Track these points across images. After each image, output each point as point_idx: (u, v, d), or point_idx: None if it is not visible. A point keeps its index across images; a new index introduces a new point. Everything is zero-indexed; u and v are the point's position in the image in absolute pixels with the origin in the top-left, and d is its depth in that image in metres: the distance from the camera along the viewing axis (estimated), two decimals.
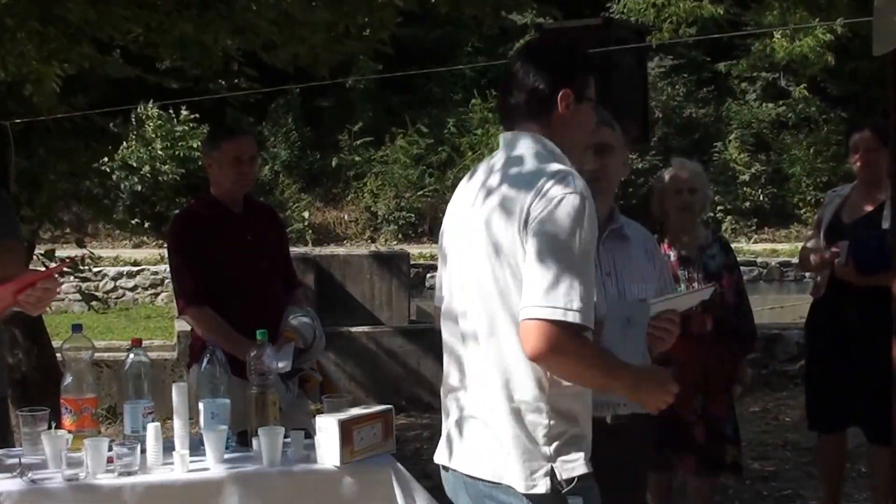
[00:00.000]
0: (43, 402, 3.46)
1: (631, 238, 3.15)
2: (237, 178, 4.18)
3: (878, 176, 4.68)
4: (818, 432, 4.99)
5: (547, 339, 2.30)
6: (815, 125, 19.77)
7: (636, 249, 3.15)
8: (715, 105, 20.10)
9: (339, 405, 3.24)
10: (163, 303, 14.64)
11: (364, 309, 9.32)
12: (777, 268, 15.96)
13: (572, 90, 2.54)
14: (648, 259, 3.18)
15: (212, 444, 3.06)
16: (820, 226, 4.90)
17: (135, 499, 2.89)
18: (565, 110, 2.53)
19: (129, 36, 4.90)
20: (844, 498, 5.15)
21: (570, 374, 2.40)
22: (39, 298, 3.15)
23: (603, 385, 2.50)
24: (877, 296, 4.44)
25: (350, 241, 18.18)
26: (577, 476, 2.43)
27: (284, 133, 18.59)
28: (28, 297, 3.12)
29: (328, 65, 5.28)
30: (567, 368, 2.39)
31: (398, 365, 8.25)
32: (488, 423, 2.49)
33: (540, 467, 2.42)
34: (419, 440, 7.20)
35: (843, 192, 4.95)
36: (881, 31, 3.88)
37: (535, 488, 2.41)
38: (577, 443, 2.46)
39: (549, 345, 2.30)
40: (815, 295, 4.87)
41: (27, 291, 3.11)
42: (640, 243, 3.18)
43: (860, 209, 4.76)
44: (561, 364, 2.37)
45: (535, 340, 2.32)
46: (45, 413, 3.19)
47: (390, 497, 3.04)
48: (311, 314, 4.23)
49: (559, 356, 2.34)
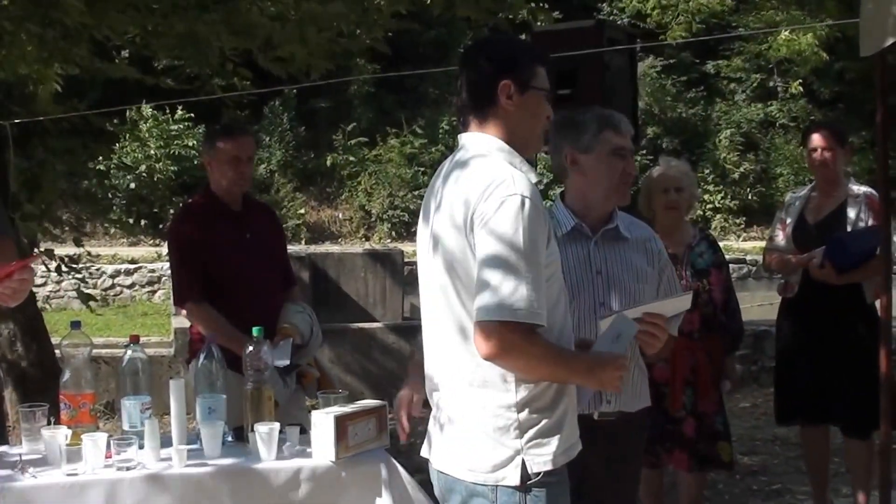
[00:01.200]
0: (42, 397, 3.47)
1: (630, 239, 3.18)
2: (236, 177, 4.22)
3: (835, 175, 4.86)
4: (799, 426, 5.08)
5: (497, 340, 2.36)
6: (801, 125, 19.94)
7: (633, 250, 3.18)
8: (704, 105, 20.25)
9: (335, 400, 3.26)
10: (160, 300, 14.67)
11: (358, 306, 9.36)
12: None
13: (513, 80, 2.50)
14: (648, 260, 3.21)
15: (208, 439, 3.10)
16: (784, 227, 5.00)
17: (133, 493, 2.92)
18: (507, 102, 2.50)
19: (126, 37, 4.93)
20: (832, 493, 5.21)
21: (524, 372, 2.45)
22: (15, 290, 3.11)
23: (560, 378, 2.51)
24: (847, 294, 4.60)
25: (344, 239, 18.23)
26: (545, 471, 2.46)
27: (280, 133, 18.64)
28: (5, 288, 3.08)
29: (325, 66, 5.32)
30: (520, 366, 2.43)
31: (392, 361, 8.29)
32: (456, 418, 2.55)
33: (510, 460, 2.46)
34: (413, 435, 7.24)
35: (800, 193, 5.09)
36: (868, 33, 3.94)
37: (504, 480, 2.45)
38: (549, 434, 2.49)
39: (499, 345, 2.37)
40: (786, 294, 4.96)
41: (4, 283, 3.07)
42: (640, 244, 3.21)
43: (823, 209, 4.89)
44: (513, 363, 2.42)
45: (485, 342, 2.38)
46: (45, 409, 3.21)
47: (384, 491, 3.07)
48: (308, 311, 4.28)
49: (510, 355, 2.40)
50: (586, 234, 3.10)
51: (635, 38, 6.65)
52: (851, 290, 4.68)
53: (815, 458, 5.05)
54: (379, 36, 5.30)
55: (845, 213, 4.78)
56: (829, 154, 4.83)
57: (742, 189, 19.06)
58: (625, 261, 3.14)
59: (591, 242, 3.10)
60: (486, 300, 2.36)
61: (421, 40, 18.13)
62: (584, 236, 3.10)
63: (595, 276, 3.07)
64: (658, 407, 4.43)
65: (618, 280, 3.09)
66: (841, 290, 4.67)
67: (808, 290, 4.80)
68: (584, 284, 3.06)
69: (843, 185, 4.88)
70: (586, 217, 3.11)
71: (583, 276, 3.08)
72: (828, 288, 4.69)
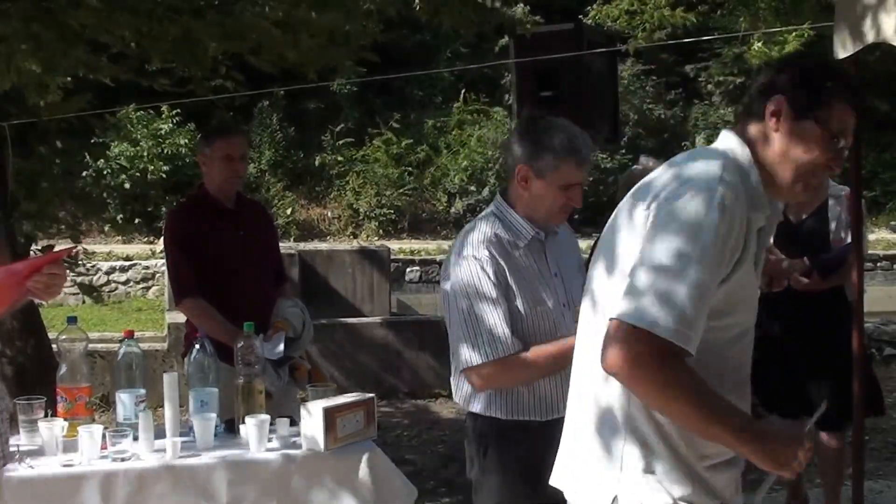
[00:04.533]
0: (39, 391, 3.51)
1: (559, 233, 3.17)
2: (229, 175, 4.28)
3: None
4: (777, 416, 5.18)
5: (628, 346, 1.95)
6: None
7: (566, 245, 3.21)
8: (682, 107, 20.47)
9: (324, 393, 3.34)
10: (154, 296, 14.72)
11: (346, 302, 9.46)
12: None
13: (787, 100, 2.11)
14: (574, 250, 3.25)
15: (201, 431, 3.17)
16: None
17: (128, 484, 2.98)
18: (771, 119, 2.13)
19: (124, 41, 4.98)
20: (806, 483, 5.30)
21: (652, 400, 2.02)
22: (47, 284, 3.02)
23: (700, 429, 2.04)
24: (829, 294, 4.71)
25: (333, 236, 18.29)
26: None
27: (270, 133, 18.69)
28: (35, 282, 3.01)
29: (314, 69, 5.39)
30: (649, 392, 2.00)
31: (379, 355, 8.38)
32: (578, 436, 2.24)
33: (605, 492, 2.14)
34: (400, 427, 7.35)
35: None
36: (842, 36, 4.04)
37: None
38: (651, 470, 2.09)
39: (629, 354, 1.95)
40: (772, 289, 5.04)
41: (34, 277, 3.00)
42: (567, 237, 3.23)
43: (805, 208, 4.94)
44: (640, 384, 1.99)
45: (613, 344, 1.97)
46: (42, 402, 3.27)
47: (372, 481, 3.14)
48: (300, 305, 4.35)
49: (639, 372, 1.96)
50: (540, 240, 3.08)
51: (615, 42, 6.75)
52: (834, 288, 4.79)
53: None
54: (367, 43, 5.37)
55: (826, 212, 4.86)
56: None
57: None
58: (568, 257, 3.18)
59: (544, 247, 3.10)
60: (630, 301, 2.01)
61: (407, 43, 18.24)
62: (539, 242, 3.08)
63: (553, 279, 3.07)
64: None
65: (569, 277, 3.11)
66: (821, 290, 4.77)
67: (789, 288, 4.87)
68: (549, 290, 3.03)
69: (825, 185, 4.96)
70: (537, 223, 3.07)
71: (548, 282, 3.05)
72: None
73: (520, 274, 2.97)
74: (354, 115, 19.41)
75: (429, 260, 15.78)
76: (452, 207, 18.52)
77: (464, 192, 18.49)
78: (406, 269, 15.61)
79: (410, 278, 15.67)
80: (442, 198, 18.72)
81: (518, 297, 2.94)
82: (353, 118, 19.36)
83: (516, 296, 2.94)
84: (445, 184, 18.66)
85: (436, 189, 18.81)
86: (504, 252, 2.97)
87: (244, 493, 3.07)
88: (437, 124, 19.36)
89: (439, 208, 18.73)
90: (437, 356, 7.88)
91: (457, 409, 7.76)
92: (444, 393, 8.25)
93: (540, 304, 2.97)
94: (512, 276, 2.94)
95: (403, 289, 14.98)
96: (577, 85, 5.67)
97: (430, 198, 18.90)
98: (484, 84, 19.40)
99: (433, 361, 8.23)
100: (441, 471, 6.23)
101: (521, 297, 2.94)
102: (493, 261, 2.93)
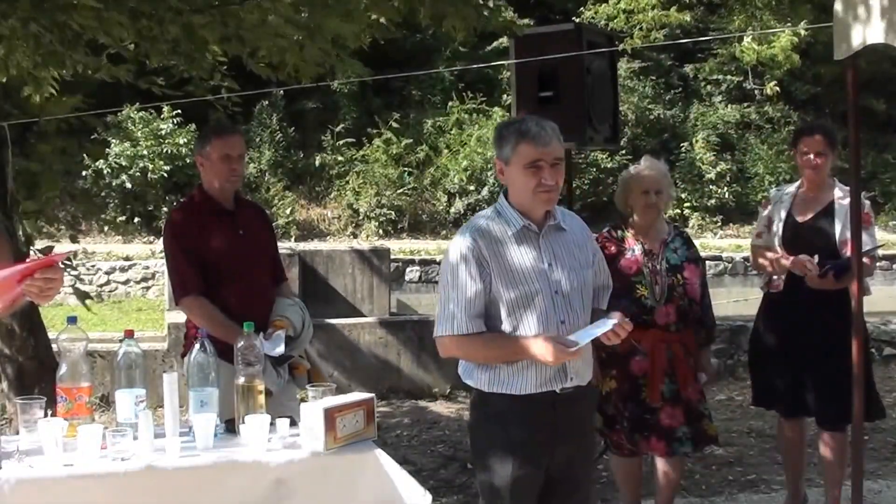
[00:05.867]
0: (39, 391, 3.52)
1: (567, 230, 3.42)
2: (228, 175, 4.29)
3: (824, 178, 4.94)
4: (779, 417, 5.19)
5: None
6: (776, 126, 20.17)
7: (572, 239, 3.42)
8: (682, 107, 20.47)
9: (323, 393, 3.34)
10: (154, 296, 14.73)
11: (346, 302, 9.45)
12: (742, 262, 16.20)
13: None
14: (584, 247, 3.45)
15: (201, 431, 3.17)
16: (770, 224, 5.07)
17: (128, 483, 2.97)
18: None
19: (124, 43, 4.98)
20: (806, 483, 5.29)
21: None
22: (42, 288, 3.01)
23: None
24: (829, 294, 4.71)
25: (333, 236, 18.30)
26: None
27: (269, 133, 18.70)
28: (30, 286, 2.99)
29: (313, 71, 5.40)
30: None
31: (379, 355, 8.38)
32: None
33: None
34: (399, 427, 7.36)
35: (788, 190, 5.12)
36: (841, 37, 4.06)
37: None
38: None
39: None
40: (772, 289, 5.05)
41: (27, 280, 2.98)
42: (576, 233, 3.45)
43: (811, 208, 4.96)
44: None
45: None
46: (42, 401, 3.26)
47: (372, 481, 3.14)
48: (299, 304, 4.37)
49: None
50: (534, 231, 3.33)
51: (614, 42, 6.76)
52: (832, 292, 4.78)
53: (789, 449, 5.14)
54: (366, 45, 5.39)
55: (833, 212, 4.86)
56: (821, 160, 4.87)
57: (719, 188, 19.30)
58: (568, 251, 3.38)
59: (538, 238, 3.33)
60: None
61: (407, 43, 18.25)
62: (533, 233, 3.33)
63: (547, 269, 3.30)
64: (636, 398, 4.56)
65: (566, 269, 3.33)
66: (821, 291, 4.75)
67: (792, 286, 4.88)
68: (536, 278, 3.28)
69: (831, 185, 4.97)
70: (530, 215, 3.33)
71: (536, 271, 3.29)
72: (808, 287, 4.78)
73: (504, 260, 3.28)
74: (354, 115, 19.41)
75: (428, 260, 15.79)
76: (452, 207, 18.53)
77: (463, 192, 18.49)
78: (406, 269, 15.62)
79: (410, 278, 15.68)
80: (442, 198, 18.72)
81: (499, 281, 3.26)
82: (353, 118, 19.36)
83: (496, 281, 3.26)
84: (445, 184, 18.66)
85: (435, 189, 18.82)
86: (489, 240, 3.29)
87: (244, 494, 3.07)
88: (437, 124, 19.36)
89: (439, 208, 18.74)
90: (437, 356, 7.85)
91: (457, 409, 7.77)
92: (444, 393, 8.26)
93: (522, 290, 3.26)
94: (493, 263, 3.27)
95: (403, 289, 15.01)
96: (576, 85, 5.68)
97: (429, 198, 18.90)
98: (483, 84, 19.42)
99: (433, 361, 8.24)
100: (441, 471, 6.24)
101: (501, 282, 3.26)
102: (475, 247, 3.27)
